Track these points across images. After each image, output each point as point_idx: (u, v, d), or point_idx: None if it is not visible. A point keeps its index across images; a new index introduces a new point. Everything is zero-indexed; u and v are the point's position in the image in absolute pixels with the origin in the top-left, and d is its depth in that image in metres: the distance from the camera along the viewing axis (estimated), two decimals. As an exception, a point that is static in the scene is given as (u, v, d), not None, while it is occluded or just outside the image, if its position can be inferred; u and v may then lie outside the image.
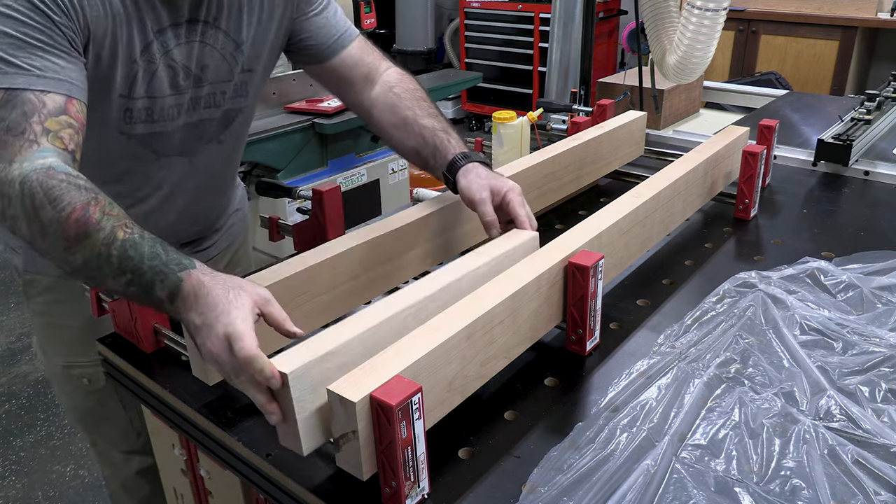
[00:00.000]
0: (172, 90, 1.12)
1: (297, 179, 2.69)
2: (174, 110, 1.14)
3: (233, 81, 1.20)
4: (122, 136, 1.12)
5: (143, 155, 1.16)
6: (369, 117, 1.31)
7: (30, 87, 0.92)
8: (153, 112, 1.11)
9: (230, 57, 1.17)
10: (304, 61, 1.30)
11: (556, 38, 4.23)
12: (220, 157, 1.29)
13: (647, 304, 1.21)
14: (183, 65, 1.11)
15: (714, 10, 1.71)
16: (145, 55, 1.07)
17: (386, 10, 5.82)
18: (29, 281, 1.33)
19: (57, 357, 1.36)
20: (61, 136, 0.92)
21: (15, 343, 3.21)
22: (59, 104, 0.93)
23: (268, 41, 1.22)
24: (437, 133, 1.21)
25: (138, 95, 1.09)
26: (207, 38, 1.13)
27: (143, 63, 1.07)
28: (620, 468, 0.82)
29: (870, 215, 1.55)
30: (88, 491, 2.38)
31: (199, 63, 1.13)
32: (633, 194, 1.28)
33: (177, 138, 1.18)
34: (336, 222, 1.35)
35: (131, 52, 1.05)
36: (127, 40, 1.04)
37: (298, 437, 0.79)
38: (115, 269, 0.85)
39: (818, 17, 4.01)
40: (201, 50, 1.13)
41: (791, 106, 2.43)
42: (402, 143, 1.26)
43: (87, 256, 0.85)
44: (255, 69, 1.23)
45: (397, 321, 0.91)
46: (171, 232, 1.28)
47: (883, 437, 0.86)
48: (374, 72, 1.30)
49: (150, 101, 1.10)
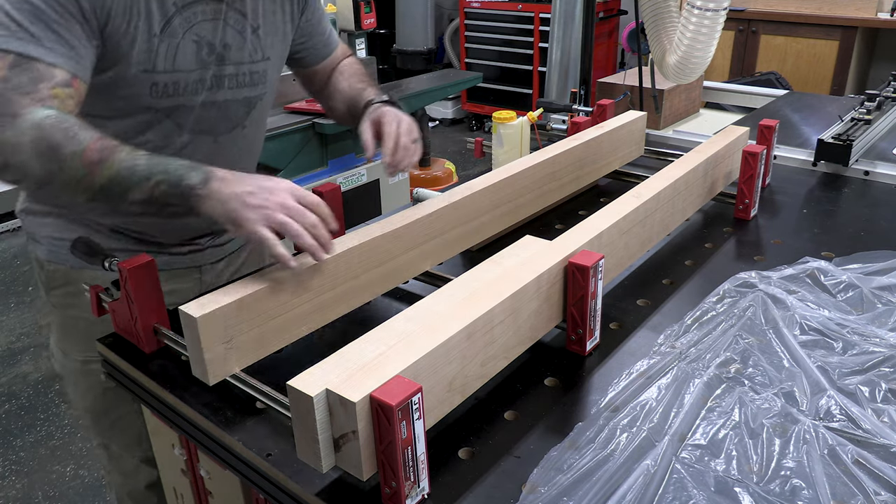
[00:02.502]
0: (197, 65, 1.17)
1: (297, 179, 2.69)
2: (198, 85, 1.19)
3: (253, 66, 1.26)
4: (148, 112, 1.16)
5: (169, 130, 1.20)
6: (321, 97, 1.51)
7: (42, 59, 1.00)
8: (178, 86, 1.16)
9: (250, 41, 1.24)
10: (297, 65, 1.45)
11: (556, 38, 4.23)
12: (243, 144, 1.34)
13: (647, 304, 1.21)
14: (207, 41, 1.17)
15: (714, 10, 1.71)
16: (167, 29, 1.11)
17: (386, 10, 5.82)
18: (51, 272, 1.33)
19: (75, 352, 1.36)
20: (67, 103, 1.01)
21: (15, 343, 3.21)
22: (66, 79, 1.02)
23: (280, 31, 1.30)
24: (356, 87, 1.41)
25: (163, 69, 1.13)
26: (229, 18, 1.19)
27: (166, 38, 1.12)
28: (620, 468, 0.82)
29: (870, 215, 1.55)
30: (88, 491, 2.38)
31: (222, 41, 1.19)
32: (634, 194, 1.28)
33: (202, 115, 1.22)
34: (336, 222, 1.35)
35: (150, 27, 1.10)
36: (146, 15, 1.09)
37: (319, 456, 0.80)
38: (142, 175, 0.97)
39: (818, 17, 4.01)
40: (224, 29, 1.19)
41: (791, 106, 2.43)
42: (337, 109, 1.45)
43: (113, 173, 0.97)
44: (272, 58, 1.30)
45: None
46: (193, 218, 1.30)
47: (883, 437, 0.87)
48: None
49: (175, 74, 1.15)
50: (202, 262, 1.40)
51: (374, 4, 3.48)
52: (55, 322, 1.39)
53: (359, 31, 3.55)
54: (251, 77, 1.27)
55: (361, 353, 0.84)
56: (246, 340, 1.00)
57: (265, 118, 1.40)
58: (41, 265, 1.35)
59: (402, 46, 5.91)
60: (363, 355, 0.84)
